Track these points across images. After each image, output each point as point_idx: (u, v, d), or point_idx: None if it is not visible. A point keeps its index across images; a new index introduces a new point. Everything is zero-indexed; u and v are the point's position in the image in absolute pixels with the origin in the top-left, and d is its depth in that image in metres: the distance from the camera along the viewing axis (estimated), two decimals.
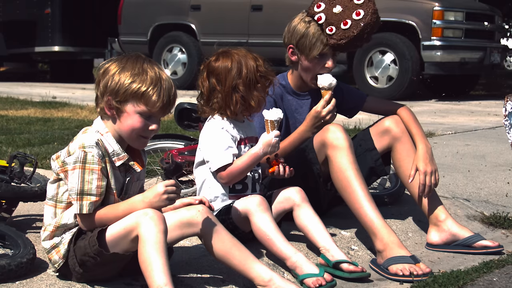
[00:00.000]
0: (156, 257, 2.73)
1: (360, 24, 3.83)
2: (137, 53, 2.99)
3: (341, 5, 3.88)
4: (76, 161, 2.84)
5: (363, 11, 3.85)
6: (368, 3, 3.88)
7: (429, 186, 3.86)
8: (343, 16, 3.85)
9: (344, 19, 3.85)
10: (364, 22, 3.83)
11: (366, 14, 3.84)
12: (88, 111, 9.43)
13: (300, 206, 3.50)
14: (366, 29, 3.85)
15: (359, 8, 3.86)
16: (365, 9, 3.86)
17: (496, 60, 12.68)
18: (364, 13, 3.84)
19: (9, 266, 2.86)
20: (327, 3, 3.91)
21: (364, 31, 3.85)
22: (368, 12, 3.85)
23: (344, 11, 3.86)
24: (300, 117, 3.96)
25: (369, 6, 3.87)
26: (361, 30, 3.84)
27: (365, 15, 3.84)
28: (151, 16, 13.98)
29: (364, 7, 3.87)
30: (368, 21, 3.84)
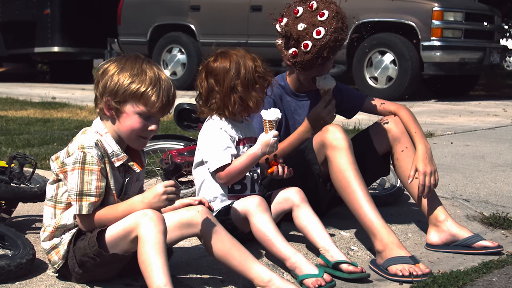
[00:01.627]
0: (156, 258, 2.73)
1: (318, 45, 3.67)
2: (136, 53, 3.00)
3: (305, 22, 3.73)
4: (75, 161, 2.84)
5: (323, 29, 3.68)
6: (331, 20, 3.70)
7: (428, 186, 3.86)
8: (305, 37, 3.71)
9: (306, 39, 3.71)
10: (322, 42, 3.66)
11: (326, 33, 3.66)
12: (87, 111, 9.43)
13: (299, 206, 3.50)
14: (325, 49, 3.69)
15: (321, 25, 3.70)
16: (326, 27, 3.68)
17: (496, 60, 12.68)
18: (324, 32, 3.67)
19: (8, 267, 2.86)
20: (292, 18, 3.79)
21: (322, 51, 3.69)
22: (327, 31, 3.67)
23: (308, 28, 3.71)
24: (299, 118, 3.96)
25: (330, 24, 3.69)
26: (318, 51, 3.68)
27: (325, 35, 3.67)
28: (151, 16, 13.98)
29: (326, 24, 3.69)
30: (326, 41, 3.67)
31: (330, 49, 3.70)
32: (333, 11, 3.71)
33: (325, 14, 3.70)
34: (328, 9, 3.72)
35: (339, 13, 3.74)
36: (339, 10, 3.75)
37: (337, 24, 3.70)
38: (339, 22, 3.71)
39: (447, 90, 13.38)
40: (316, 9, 3.75)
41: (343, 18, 3.74)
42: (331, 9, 3.72)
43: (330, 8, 3.73)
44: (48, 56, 16.92)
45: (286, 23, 3.78)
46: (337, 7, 3.76)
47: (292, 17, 3.78)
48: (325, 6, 3.74)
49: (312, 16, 3.73)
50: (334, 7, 3.74)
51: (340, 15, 3.73)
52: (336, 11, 3.72)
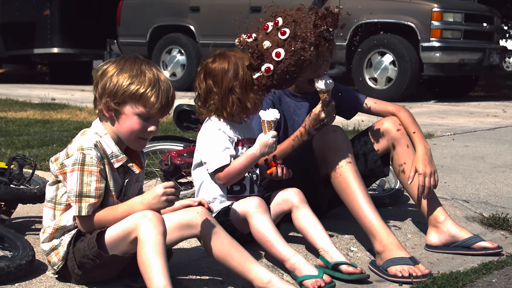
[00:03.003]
0: (155, 259, 2.73)
1: (279, 70, 3.46)
2: (135, 54, 3.00)
3: (269, 40, 3.49)
4: (74, 163, 2.84)
5: (283, 51, 3.44)
6: (291, 41, 3.45)
7: (428, 187, 3.86)
8: (268, 56, 3.47)
9: (267, 61, 3.47)
10: (282, 67, 3.45)
11: (285, 56, 3.43)
12: (87, 112, 9.43)
13: (298, 207, 3.50)
14: (287, 74, 3.48)
15: (281, 45, 3.45)
16: (286, 48, 3.44)
17: (495, 61, 12.68)
18: (283, 54, 3.44)
19: (8, 268, 2.86)
20: (263, 34, 3.54)
21: (285, 75, 3.49)
22: (287, 53, 3.43)
23: (272, 47, 3.47)
24: (298, 119, 3.96)
25: (290, 45, 3.45)
26: (280, 76, 3.48)
27: (284, 58, 3.44)
28: (150, 17, 13.99)
29: (286, 45, 3.44)
30: (287, 65, 3.45)
31: (293, 72, 3.49)
32: (293, 31, 3.46)
33: (286, 33, 3.47)
34: (289, 27, 3.47)
35: (300, 35, 3.46)
36: (302, 28, 3.48)
37: (296, 45, 3.45)
38: (299, 43, 3.46)
39: (446, 91, 13.39)
40: (280, 27, 3.51)
41: (305, 38, 3.46)
42: (292, 28, 3.47)
43: (291, 27, 3.47)
44: (47, 57, 16.93)
45: (255, 38, 3.54)
46: (299, 25, 3.48)
47: (263, 33, 3.55)
48: (287, 23, 3.49)
49: (275, 35, 3.50)
50: (295, 26, 3.47)
51: (300, 37, 3.45)
52: (295, 33, 3.45)
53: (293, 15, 3.51)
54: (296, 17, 3.51)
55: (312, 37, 3.47)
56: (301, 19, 3.50)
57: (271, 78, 3.47)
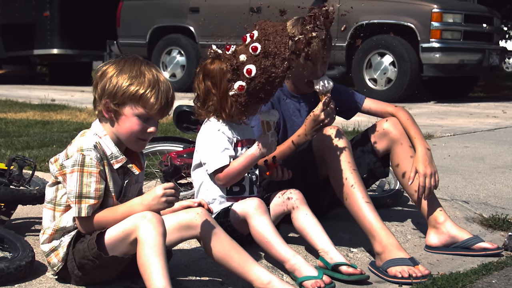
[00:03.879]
0: (155, 260, 2.73)
1: (251, 88, 3.31)
2: (134, 55, 3.00)
3: (246, 54, 3.32)
4: (74, 164, 2.84)
5: (255, 68, 3.27)
6: (262, 59, 3.28)
7: (429, 188, 3.86)
8: (242, 72, 3.33)
9: (242, 77, 3.33)
10: (253, 85, 3.30)
11: (256, 74, 3.27)
12: (87, 113, 9.43)
13: (298, 208, 3.50)
14: (260, 92, 3.32)
15: (252, 61, 3.29)
16: (258, 65, 3.28)
17: (495, 62, 12.69)
18: (255, 71, 3.27)
19: (8, 269, 2.86)
20: (243, 46, 3.37)
21: (258, 93, 3.33)
22: (258, 71, 3.27)
23: (246, 62, 3.32)
24: (298, 120, 3.96)
25: (261, 62, 3.28)
26: (252, 95, 3.34)
27: (254, 77, 3.28)
28: (150, 18, 13.99)
29: (257, 62, 3.28)
30: (257, 83, 3.29)
31: (266, 90, 3.32)
32: (264, 46, 3.28)
33: (258, 48, 3.28)
34: (261, 42, 3.29)
35: (271, 50, 3.28)
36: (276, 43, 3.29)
37: (267, 62, 3.27)
38: (270, 59, 3.27)
39: (446, 92, 13.39)
40: (254, 41, 3.35)
41: (277, 53, 3.27)
42: (263, 43, 3.29)
43: (262, 42, 3.29)
44: (47, 58, 16.95)
45: (235, 50, 3.37)
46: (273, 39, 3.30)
47: (243, 45, 3.39)
48: (260, 38, 3.31)
49: (248, 49, 3.34)
50: (267, 42, 3.29)
51: (272, 53, 3.27)
52: (265, 48, 3.28)
53: (270, 28, 3.33)
54: (272, 30, 3.33)
55: (286, 52, 3.29)
56: (277, 33, 3.32)
57: (245, 96, 3.34)
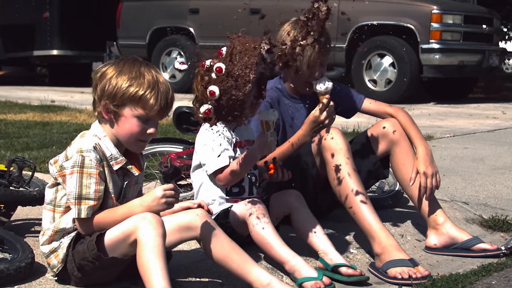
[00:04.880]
0: (155, 261, 2.73)
1: (217, 111, 3.15)
2: (134, 56, 2.99)
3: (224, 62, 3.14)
4: (74, 165, 2.84)
5: (218, 89, 3.11)
6: (226, 78, 3.11)
7: (430, 188, 3.85)
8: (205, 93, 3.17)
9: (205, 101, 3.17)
10: (217, 108, 3.14)
11: (218, 97, 3.10)
12: (86, 115, 9.43)
13: (298, 209, 3.50)
14: (226, 114, 3.17)
15: (217, 82, 3.11)
16: (220, 86, 3.11)
17: (495, 63, 12.69)
18: (217, 94, 3.10)
19: (7, 271, 2.86)
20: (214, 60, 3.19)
21: (226, 117, 3.19)
22: (220, 92, 3.11)
23: (213, 81, 3.15)
24: (297, 120, 3.96)
25: (223, 83, 3.12)
26: (218, 118, 3.18)
27: (217, 99, 3.11)
28: (150, 19, 13.99)
29: (221, 83, 3.11)
30: (220, 108, 3.14)
31: (232, 113, 3.18)
32: (228, 68, 3.11)
33: (222, 69, 3.11)
34: (225, 62, 3.12)
35: (235, 72, 3.10)
36: (241, 64, 3.12)
37: (227, 83, 3.10)
38: (231, 81, 3.10)
39: (446, 93, 13.39)
40: (220, 59, 3.17)
41: (240, 75, 3.10)
42: (227, 64, 3.11)
43: (227, 63, 3.12)
44: (47, 59, 16.95)
45: (210, 66, 3.18)
46: (236, 62, 3.13)
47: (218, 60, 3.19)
48: (226, 58, 3.14)
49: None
50: (231, 64, 3.12)
51: (234, 75, 3.10)
52: (228, 70, 3.11)
53: (239, 46, 3.14)
54: (241, 48, 3.14)
55: (251, 75, 3.11)
56: (245, 52, 3.12)
57: (214, 118, 3.18)
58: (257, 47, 3.16)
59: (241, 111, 3.21)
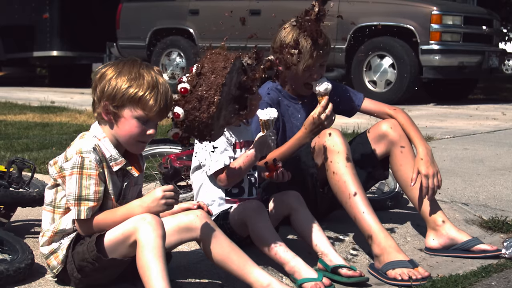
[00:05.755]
0: (155, 262, 2.73)
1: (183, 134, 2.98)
2: (133, 57, 2.99)
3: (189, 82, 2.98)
4: (73, 166, 2.84)
5: (182, 111, 2.92)
6: (191, 99, 2.93)
7: (432, 188, 3.85)
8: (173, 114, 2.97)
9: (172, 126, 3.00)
10: (184, 131, 2.96)
11: (183, 119, 2.93)
12: (86, 115, 9.43)
13: (297, 210, 3.50)
14: (198, 138, 3.03)
15: (183, 102, 2.94)
16: (186, 107, 2.92)
17: (495, 64, 12.69)
18: (182, 115, 2.92)
19: (7, 272, 2.85)
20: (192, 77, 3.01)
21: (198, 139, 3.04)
22: (186, 111, 2.93)
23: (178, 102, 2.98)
24: (297, 121, 3.96)
25: (190, 103, 2.93)
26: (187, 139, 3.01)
27: (182, 121, 2.94)
28: (150, 20, 13.98)
29: (188, 104, 2.93)
30: (186, 130, 2.96)
31: (200, 135, 2.99)
32: (192, 88, 2.94)
33: (187, 90, 2.94)
34: (191, 83, 2.95)
35: (199, 93, 2.92)
36: (205, 86, 2.94)
37: (191, 104, 2.92)
38: (194, 102, 2.91)
39: (446, 94, 13.39)
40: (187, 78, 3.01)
41: (203, 96, 2.91)
42: (192, 84, 2.95)
43: (192, 82, 2.96)
44: (47, 60, 16.94)
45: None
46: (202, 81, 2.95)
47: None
48: (193, 76, 2.98)
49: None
50: (197, 83, 2.95)
51: (198, 96, 2.91)
52: (192, 90, 2.94)
53: (208, 64, 2.98)
54: (210, 67, 2.97)
55: (216, 96, 2.91)
56: (213, 71, 2.95)
57: (184, 142, 3.01)
58: (227, 66, 2.97)
59: (209, 133, 2.97)
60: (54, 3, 15.79)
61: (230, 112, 3.05)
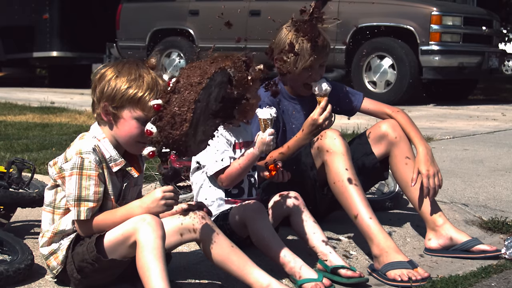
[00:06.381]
0: (154, 263, 2.73)
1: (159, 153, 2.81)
2: (133, 58, 2.99)
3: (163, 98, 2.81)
4: (73, 167, 2.84)
5: (155, 128, 2.78)
6: (164, 111, 2.77)
7: (433, 188, 3.84)
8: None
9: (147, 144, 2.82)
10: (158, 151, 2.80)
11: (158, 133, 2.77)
12: (86, 116, 9.43)
13: (297, 211, 3.49)
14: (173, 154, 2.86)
15: (156, 119, 2.79)
16: (161, 122, 2.77)
17: (494, 64, 12.69)
18: (154, 132, 2.77)
19: (7, 272, 2.86)
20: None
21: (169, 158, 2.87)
22: (159, 128, 2.77)
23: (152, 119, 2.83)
24: (297, 122, 3.96)
25: (163, 120, 2.78)
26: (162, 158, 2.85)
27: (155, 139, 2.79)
28: (149, 21, 13.98)
29: (161, 120, 2.78)
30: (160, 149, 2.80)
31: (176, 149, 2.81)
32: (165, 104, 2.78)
33: (160, 106, 2.78)
34: (164, 98, 2.79)
35: (172, 109, 2.76)
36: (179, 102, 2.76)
37: (164, 120, 2.76)
38: (167, 118, 2.75)
39: (445, 95, 13.39)
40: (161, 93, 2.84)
41: (175, 113, 2.75)
42: (165, 99, 2.79)
43: (165, 98, 2.79)
44: (47, 61, 16.94)
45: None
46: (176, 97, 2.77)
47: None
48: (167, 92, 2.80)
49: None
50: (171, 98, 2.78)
51: (170, 112, 2.76)
52: (165, 106, 2.77)
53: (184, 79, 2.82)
54: (185, 82, 2.81)
55: (188, 113, 2.76)
56: (186, 87, 2.79)
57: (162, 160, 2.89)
58: (202, 81, 2.77)
59: (185, 149, 2.82)
60: (54, 3, 15.78)
61: (211, 126, 2.86)
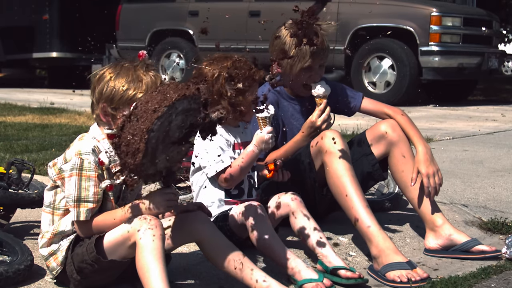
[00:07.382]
0: (154, 264, 2.73)
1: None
2: (132, 59, 3.00)
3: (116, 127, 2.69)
4: (72, 168, 2.84)
5: (107, 160, 2.79)
6: (119, 139, 2.65)
7: (434, 187, 3.84)
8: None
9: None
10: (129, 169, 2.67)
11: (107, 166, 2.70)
12: (86, 117, 9.43)
13: (297, 211, 3.49)
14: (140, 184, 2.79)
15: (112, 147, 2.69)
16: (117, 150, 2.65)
17: (494, 65, 12.69)
18: (106, 162, 2.77)
19: (6, 273, 2.86)
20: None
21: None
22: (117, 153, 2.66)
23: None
24: (296, 122, 3.96)
25: (119, 147, 2.65)
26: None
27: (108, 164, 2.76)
28: (149, 22, 13.98)
29: (118, 147, 2.64)
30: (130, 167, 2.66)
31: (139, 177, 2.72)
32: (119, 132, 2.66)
33: (114, 135, 2.68)
34: (118, 126, 2.68)
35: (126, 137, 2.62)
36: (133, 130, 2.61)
37: (120, 148, 2.65)
38: (123, 146, 2.64)
39: (445, 95, 13.39)
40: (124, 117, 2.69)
41: (129, 141, 2.61)
42: (120, 127, 2.67)
43: (121, 125, 2.67)
44: (46, 62, 16.93)
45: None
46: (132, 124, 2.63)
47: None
48: (126, 118, 2.67)
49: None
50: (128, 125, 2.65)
51: (125, 140, 2.62)
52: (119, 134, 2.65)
53: (142, 105, 2.65)
54: (144, 108, 2.64)
55: (141, 143, 2.60)
56: (144, 111, 2.62)
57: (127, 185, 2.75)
58: (158, 109, 2.59)
59: (146, 176, 2.71)
60: (54, 4, 15.78)
61: (178, 153, 2.70)
